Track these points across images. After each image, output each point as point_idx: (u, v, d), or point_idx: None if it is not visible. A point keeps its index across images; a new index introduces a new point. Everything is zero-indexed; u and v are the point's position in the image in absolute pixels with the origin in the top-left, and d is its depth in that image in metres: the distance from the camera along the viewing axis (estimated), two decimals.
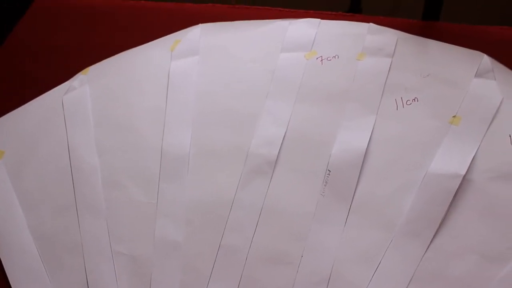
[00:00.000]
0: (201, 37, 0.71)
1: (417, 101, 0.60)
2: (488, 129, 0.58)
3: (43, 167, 0.62)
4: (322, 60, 0.65)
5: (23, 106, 0.67)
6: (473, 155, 0.56)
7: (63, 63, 0.71)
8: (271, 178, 0.58)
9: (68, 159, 0.62)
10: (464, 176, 0.54)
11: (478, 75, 0.62)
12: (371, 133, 0.58)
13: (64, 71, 0.69)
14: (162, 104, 0.64)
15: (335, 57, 0.65)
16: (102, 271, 0.57)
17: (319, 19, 0.70)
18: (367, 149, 0.57)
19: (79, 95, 0.66)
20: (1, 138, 0.65)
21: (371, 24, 0.69)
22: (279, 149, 0.59)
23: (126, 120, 0.63)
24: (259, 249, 0.56)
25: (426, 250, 0.53)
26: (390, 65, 0.63)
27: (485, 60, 0.63)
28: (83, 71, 0.69)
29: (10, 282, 0.58)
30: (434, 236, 0.53)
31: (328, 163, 0.57)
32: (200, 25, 0.73)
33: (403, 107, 0.60)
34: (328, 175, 0.56)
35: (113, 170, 0.61)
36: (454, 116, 0.59)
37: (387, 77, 0.62)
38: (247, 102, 0.62)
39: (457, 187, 0.54)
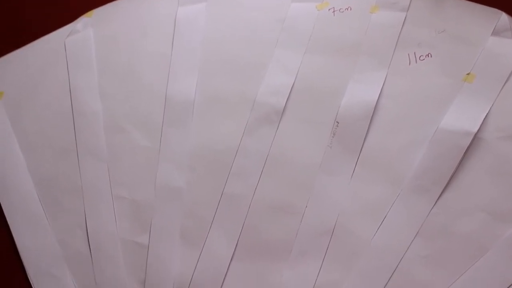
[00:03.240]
0: None
1: (431, 56, 0.59)
2: (502, 88, 0.56)
3: (44, 109, 0.61)
4: (334, 11, 0.63)
5: (24, 47, 0.65)
6: (485, 114, 0.54)
7: (66, 5, 0.68)
8: (278, 127, 0.56)
9: (69, 103, 0.60)
10: (476, 134, 0.53)
11: (495, 33, 0.60)
12: (382, 87, 0.57)
13: (67, 13, 0.67)
14: (167, 51, 0.62)
15: (347, 9, 0.63)
16: (102, 215, 0.56)
17: None
18: (377, 102, 0.56)
19: (83, 38, 0.64)
20: (1, 78, 0.63)
21: None
22: (287, 99, 0.57)
23: (130, 65, 0.61)
24: (262, 198, 0.55)
25: (434, 205, 0.52)
26: (404, 19, 0.61)
27: (503, 18, 0.61)
28: (87, 13, 0.67)
29: (9, 225, 0.57)
30: (442, 192, 0.52)
31: (336, 114, 0.56)
32: None
33: (415, 62, 0.58)
34: (336, 127, 0.55)
35: (116, 115, 0.59)
36: (468, 74, 0.57)
37: (400, 31, 0.60)
38: (255, 51, 0.60)
39: (468, 144, 0.52)
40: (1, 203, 0.57)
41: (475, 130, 0.53)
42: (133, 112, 0.59)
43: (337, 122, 0.55)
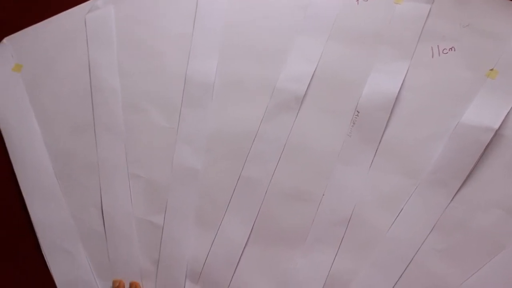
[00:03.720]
0: None
1: (454, 50, 0.58)
2: None
3: (62, 84, 0.60)
4: (358, 0, 0.62)
5: (43, 22, 0.65)
6: (508, 111, 0.54)
7: None
8: (297, 114, 0.56)
9: (87, 79, 0.60)
10: (497, 130, 0.52)
11: None
12: (404, 78, 0.56)
13: None
14: (188, 31, 0.61)
15: None
16: (117, 192, 0.56)
17: None
18: (398, 94, 0.55)
19: (103, 15, 0.64)
20: (20, 52, 0.63)
21: None
22: (308, 86, 0.56)
23: (150, 44, 0.61)
24: (279, 184, 0.54)
25: (451, 200, 0.51)
26: (429, 12, 0.60)
27: None
28: None
29: (25, 198, 0.57)
30: (460, 187, 0.52)
31: (357, 104, 0.55)
32: None
33: (439, 55, 0.58)
34: (356, 116, 0.55)
35: (134, 93, 0.59)
36: (491, 70, 0.56)
37: (424, 23, 0.59)
38: (277, 37, 0.60)
39: (488, 140, 0.52)
40: (17, 177, 0.57)
41: (497, 126, 0.53)
42: (152, 91, 0.59)
43: (357, 111, 0.55)
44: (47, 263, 0.55)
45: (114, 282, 0.53)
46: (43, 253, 0.55)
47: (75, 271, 0.54)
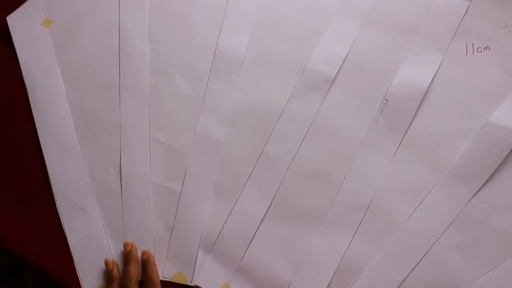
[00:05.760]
0: None
1: (489, 50, 0.57)
2: None
3: (90, 43, 0.60)
4: None
5: None
6: None
7: None
8: (325, 96, 0.55)
9: (116, 39, 0.60)
10: None
11: None
12: (436, 72, 0.55)
13: None
14: (221, 5, 0.60)
15: None
16: (137, 155, 0.55)
17: None
18: (429, 87, 0.55)
19: None
20: (51, 7, 0.62)
21: None
22: (338, 69, 0.56)
23: (182, 14, 0.60)
24: (301, 164, 0.54)
25: (472, 197, 0.51)
26: (467, 8, 0.60)
27: None
28: None
29: (43, 151, 0.56)
30: (482, 186, 0.51)
31: (387, 92, 0.55)
32: None
33: (473, 53, 0.57)
34: (385, 104, 0.54)
35: (163, 59, 0.58)
36: None
37: (462, 19, 0.59)
38: (312, 18, 0.59)
39: None
40: (37, 131, 0.57)
41: None
42: (180, 59, 0.58)
43: (386, 99, 0.54)
44: (61, 219, 0.55)
45: (126, 245, 0.53)
46: (58, 209, 0.55)
47: (88, 229, 0.54)
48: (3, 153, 0.57)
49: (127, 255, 0.52)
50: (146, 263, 0.52)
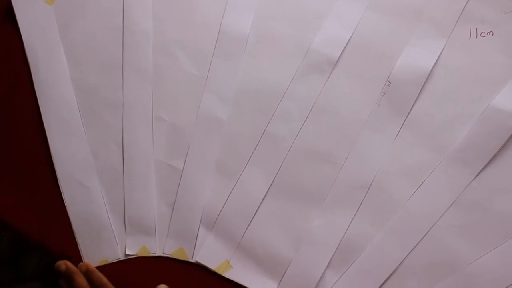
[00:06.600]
0: None
1: (492, 35, 0.57)
2: None
3: (93, 20, 0.60)
4: None
5: None
6: None
7: None
8: (329, 77, 0.55)
9: (120, 18, 0.59)
10: None
11: None
12: (439, 55, 0.55)
13: None
14: None
15: None
16: (139, 132, 0.55)
17: None
18: (431, 70, 0.55)
19: None
20: None
21: None
22: (342, 51, 0.56)
23: None
24: (303, 144, 0.54)
25: (473, 179, 0.51)
26: None
27: None
28: None
29: (45, 128, 0.56)
30: (483, 168, 0.51)
31: (389, 74, 0.55)
32: None
33: (476, 38, 0.57)
34: (387, 86, 0.54)
35: (166, 38, 0.58)
36: None
37: (466, 4, 0.59)
38: (316, 0, 0.59)
39: None
40: (40, 108, 0.57)
41: None
42: (184, 38, 0.58)
43: (389, 82, 0.55)
44: (62, 194, 0.55)
45: (59, 266, 0.53)
46: (59, 185, 0.55)
47: (89, 204, 0.54)
48: (6, 131, 0.57)
49: (67, 272, 0.52)
50: (89, 273, 0.52)
